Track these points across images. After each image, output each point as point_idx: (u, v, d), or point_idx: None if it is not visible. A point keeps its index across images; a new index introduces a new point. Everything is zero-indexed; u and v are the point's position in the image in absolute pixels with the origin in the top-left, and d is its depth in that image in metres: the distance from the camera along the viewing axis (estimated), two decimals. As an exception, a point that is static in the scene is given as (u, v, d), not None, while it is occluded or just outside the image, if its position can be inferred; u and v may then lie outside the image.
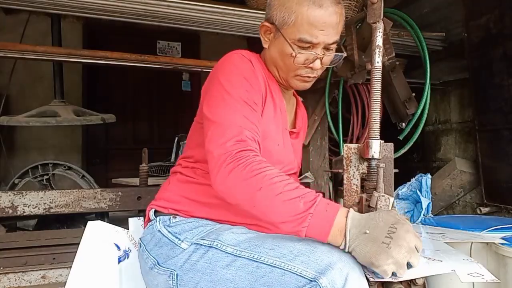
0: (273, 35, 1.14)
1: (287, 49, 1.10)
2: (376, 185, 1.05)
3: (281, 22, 1.09)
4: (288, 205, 0.89)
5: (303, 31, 1.07)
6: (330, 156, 3.05)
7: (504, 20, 2.46)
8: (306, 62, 1.11)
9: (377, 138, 1.10)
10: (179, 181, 1.22)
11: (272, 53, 1.16)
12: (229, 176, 0.93)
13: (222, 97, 1.04)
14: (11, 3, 2.08)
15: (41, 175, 2.76)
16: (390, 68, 2.31)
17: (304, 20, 1.06)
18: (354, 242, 0.86)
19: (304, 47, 1.09)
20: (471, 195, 2.92)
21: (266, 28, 1.15)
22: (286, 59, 1.12)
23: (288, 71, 1.15)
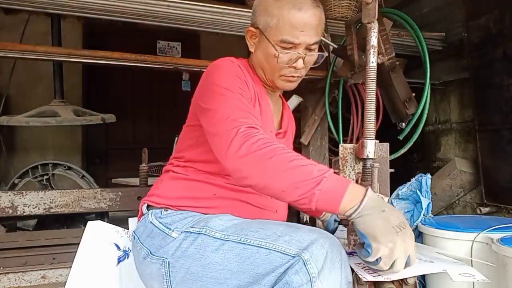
0: (258, 39, 1.21)
1: (271, 50, 1.16)
2: (371, 185, 1.06)
3: (264, 25, 1.17)
4: (301, 170, 0.91)
5: (285, 32, 1.14)
6: (330, 156, 3.05)
7: (504, 20, 2.46)
8: (290, 62, 1.18)
9: (372, 138, 1.10)
10: (171, 178, 1.27)
11: (258, 56, 1.23)
12: (241, 147, 0.95)
13: (220, 93, 1.09)
14: (11, 3, 2.08)
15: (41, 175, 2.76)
16: (390, 68, 2.31)
17: (286, 22, 1.14)
18: (367, 211, 0.88)
19: (286, 47, 1.16)
20: (471, 195, 2.92)
21: (251, 33, 1.22)
22: (270, 60, 1.18)
23: (273, 72, 1.21)
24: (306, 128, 2.96)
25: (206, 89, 1.15)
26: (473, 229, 2.04)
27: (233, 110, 1.04)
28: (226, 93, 1.09)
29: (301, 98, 2.97)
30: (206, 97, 1.13)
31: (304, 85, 3.09)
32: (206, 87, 1.16)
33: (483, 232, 1.98)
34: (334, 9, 2.91)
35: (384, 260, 0.86)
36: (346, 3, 2.90)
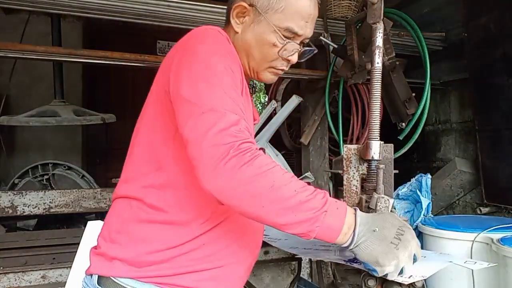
0: (249, 19, 1.00)
1: (269, 37, 0.98)
2: (376, 186, 1.05)
3: (265, 5, 0.98)
4: (303, 206, 0.81)
5: (291, 20, 0.98)
6: (330, 156, 3.05)
7: (504, 20, 2.46)
8: (286, 54, 1.01)
9: (377, 139, 1.10)
10: (141, 221, 0.93)
11: (247, 39, 1.01)
12: (233, 171, 0.77)
13: (208, 80, 0.85)
14: (11, 3, 2.08)
15: (41, 175, 2.76)
16: (390, 68, 2.31)
17: (293, 8, 0.98)
18: (361, 239, 0.84)
19: (288, 37, 0.99)
20: (471, 195, 2.92)
21: (242, 8, 1.00)
22: (265, 48, 1.00)
23: (263, 62, 1.03)
24: (306, 128, 2.96)
25: (187, 68, 0.88)
26: (473, 229, 2.04)
27: (225, 113, 0.82)
28: (216, 81, 0.85)
29: (301, 98, 2.97)
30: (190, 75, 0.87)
31: (304, 85, 3.09)
32: (190, 59, 0.89)
33: (483, 232, 1.98)
34: (334, 9, 2.91)
35: (391, 273, 0.84)
36: (346, 3, 2.90)
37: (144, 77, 5.41)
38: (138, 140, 0.99)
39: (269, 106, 3.31)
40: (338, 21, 2.80)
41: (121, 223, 0.95)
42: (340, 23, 2.77)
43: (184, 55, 0.91)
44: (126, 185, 0.97)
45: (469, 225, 2.12)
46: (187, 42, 0.95)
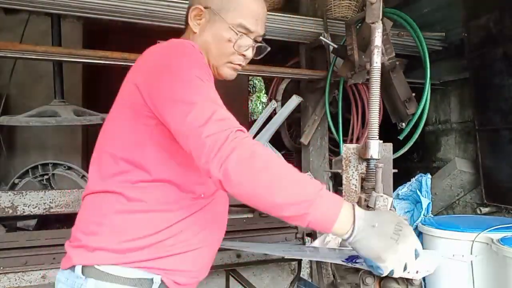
0: (205, 20, 1.11)
1: (225, 34, 1.08)
2: (375, 185, 1.05)
3: (219, 6, 1.09)
4: (297, 186, 0.85)
5: (243, 17, 1.08)
6: (330, 156, 3.05)
7: (504, 20, 2.46)
8: (242, 49, 1.11)
9: (376, 139, 1.10)
10: (121, 212, 0.99)
11: (205, 38, 1.11)
12: (232, 154, 0.83)
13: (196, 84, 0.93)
14: (11, 3, 2.08)
15: (41, 175, 2.76)
16: (390, 68, 2.31)
17: (243, 7, 1.08)
18: (361, 233, 0.85)
19: (241, 33, 1.09)
20: (471, 195, 2.92)
21: (198, 11, 1.10)
22: (222, 44, 1.10)
23: (221, 57, 1.12)
24: (306, 128, 2.96)
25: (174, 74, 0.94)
26: (473, 229, 2.04)
27: (216, 107, 0.90)
28: (202, 85, 0.93)
29: (301, 98, 2.97)
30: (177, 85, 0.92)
31: (304, 85, 3.09)
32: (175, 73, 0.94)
33: (483, 232, 1.98)
34: (334, 9, 2.91)
35: (395, 270, 0.85)
36: (346, 3, 2.90)
37: (144, 77, 5.35)
38: (107, 141, 1.07)
39: (269, 106, 3.30)
40: (338, 21, 2.80)
41: (101, 216, 1.00)
42: (340, 23, 2.77)
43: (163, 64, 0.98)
44: (103, 182, 1.02)
45: (469, 225, 2.12)
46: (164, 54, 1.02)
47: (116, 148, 1.02)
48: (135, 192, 0.99)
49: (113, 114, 1.09)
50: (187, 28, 1.15)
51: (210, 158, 0.84)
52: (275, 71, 2.76)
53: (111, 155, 1.02)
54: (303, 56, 3.07)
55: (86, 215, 1.04)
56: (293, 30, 2.74)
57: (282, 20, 2.67)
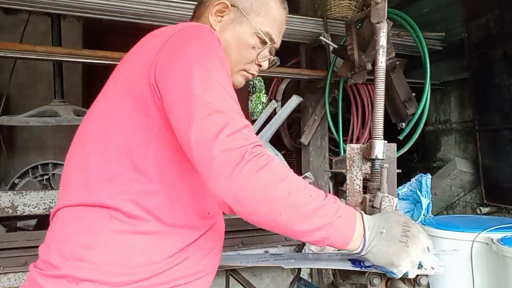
0: (228, 19, 0.99)
1: (250, 39, 0.99)
2: (380, 185, 1.05)
3: (248, 7, 0.98)
4: (319, 212, 0.78)
5: (270, 26, 1.00)
6: (330, 156, 3.05)
7: (504, 20, 2.46)
8: (261, 58, 1.02)
9: (380, 139, 1.10)
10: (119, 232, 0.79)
11: (226, 38, 0.98)
12: (250, 176, 0.72)
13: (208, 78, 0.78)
14: (11, 3, 2.08)
15: (41, 175, 2.76)
16: (390, 68, 2.31)
17: (272, 16, 1.00)
18: (372, 243, 0.83)
19: (265, 42, 1.00)
20: (471, 195, 2.92)
21: (223, 6, 0.98)
22: (244, 49, 0.99)
23: (238, 63, 1.01)
24: (306, 128, 2.96)
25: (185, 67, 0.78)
26: (473, 229, 2.04)
27: (233, 114, 0.76)
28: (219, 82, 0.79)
29: (301, 98, 2.97)
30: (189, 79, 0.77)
31: (304, 85, 3.09)
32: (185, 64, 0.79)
33: (483, 232, 1.98)
34: (334, 9, 2.91)
35: (410, 271, 0.84)
36: (346, 3, 2.90)
37: (144, 77, 5.36)
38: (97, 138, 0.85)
39: (269, 106, 3.31)
40: (338, 21, 2.80)
41: (91, 236, 0.79)
42: (340, 23, 2.77)
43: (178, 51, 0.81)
44: (88, 191, 0.82)
45: (469, 225, 2.12)
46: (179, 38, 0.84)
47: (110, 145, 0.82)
48: (137, 205, 0.80)
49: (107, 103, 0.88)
50: (198, 19, 1.04)
51: (220, 180, 0.72)
52: (275, 71, 2.76)
53: (103, 153, 0.82)
54: (303, 56, 3.08)
55: (67, 234, 0.82)
56: (293, 30, 2.74)
57: (282, 20, 2.67)
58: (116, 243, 0.79)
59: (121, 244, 0.79)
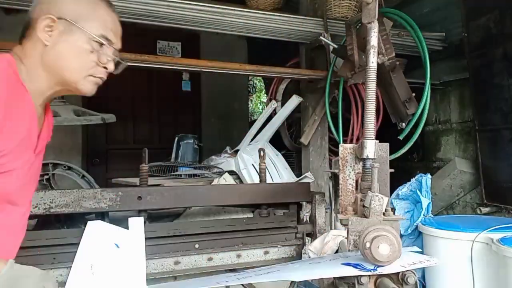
0: (60, 31, 0.99)
1: (86, 45, 1.00)
2: (371, 185, 1.05)
3: (76, 16, 1.00)
4: None
5: (102, 28, 1.02)
6: (330, 156, 3.05)
7: (504, 20, 2.46)
8: (103, 60, 1.04)
9: (372, 138, 1.10)
10: None
11: (60, 51, 1.00)
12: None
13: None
14: (11, 3, 2.08)
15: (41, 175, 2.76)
16: (390, 68, 2.31)
17: (101, 18, 1.03)
18: None
19: (102, 43, 1.02)
20: (471, 195, 2.92)
21: (50, 21, 0.98)
22: (82, 56, 1.01)
23: (81, 70, 1.02)
24: (306, 128, 2.96)
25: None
26: (473, 229, 2.04)
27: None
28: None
29: (301, 98, 2.97)
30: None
31: (304, 85, 3.09)
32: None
33: (483, 232, 1.98)
34: (334, 9, 2.91)
35: None
36: (346, 3, 2.90)
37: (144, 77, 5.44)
38: None
39: (269, 106, 3.31)
40: (338, 21, 2.81)
41: None
42: (340, 23, 2.77)
43: None
44: None
45: (469, 225, 2.12)
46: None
47: None
48: None
49: None
50: (29, 39, 1.01)
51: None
52: (275, 71, 2.76)
53: None
54: (303, 56, 3.08)
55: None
56: (293, 30, 2.74)
57: (282, 20, 2.68)
58: None
59: None
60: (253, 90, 8.47)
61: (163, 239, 1.66)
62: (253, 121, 4.82)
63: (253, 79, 8.09)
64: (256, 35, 2.77)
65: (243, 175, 2.76)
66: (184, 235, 1.70)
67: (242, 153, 2.88)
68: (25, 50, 1.01)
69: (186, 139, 3.29)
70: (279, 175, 2.85)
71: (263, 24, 2.65)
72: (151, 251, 1.59)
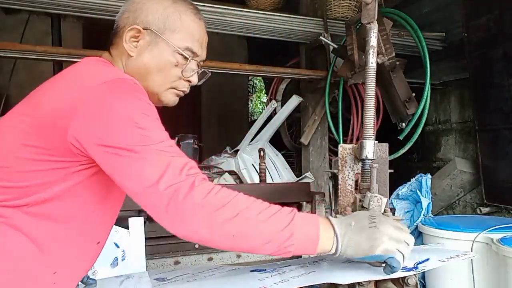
0: (145, 42, 0.97)
1: (171, 57, 0.98)
2: (370, 185, 1.05)
3: (161, 27, 0.97)
4: (270, 225, 0.81)
5: (189, 40, 0.99)
6: (330, 156, 3.05)
7: (504, 20, 2.46)
8: (187, 74, 1.01)
9: (371, 139, 1.10)
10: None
11: (144, 62, 0.98)
12: (196, 209, 0.77)
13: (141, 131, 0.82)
14: (11, 3, 2.08)
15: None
16: (390, 68, 2.31)
17: (188, 29, 0.99)
18: (345, 238, 0.85)
19: (187, 57, 0.99)
20: (471, 195, 2.92)
21: (135, 32, 0.97)
22: (166, 68, 0.99)
23: (164, 84, 1.00)
24: (306, 128, 2.96)
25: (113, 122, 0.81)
26: (473, 229, 2.04)
27: (170, 158, 0.81)
28: (152, 133, 0.83)
29: (301, 98, 2.97)
30: (119, 135, 0.80)
31: (304, 85, 3.09)
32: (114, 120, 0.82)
33: (483, 232, 1.98)
34: (334, 9, 2.91)
35: (401, 248, 0.84)
36: (346, 3, 2.90)
37: (144, 77, 5.38)
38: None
39: (269, 106, 3.31)
40: (338, 21, 2.81)
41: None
42: (340, 23, 2.77)
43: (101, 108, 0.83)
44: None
45: (469, 225, 2.12)
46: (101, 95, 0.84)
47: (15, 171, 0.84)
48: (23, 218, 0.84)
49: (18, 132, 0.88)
50: (115, 49, 1.01)
51: (170, 213, 0.77)
52: (275, 71, 2.76)
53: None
54: (303, 56, 3.08)
55: None
56: (293, 30, 2.74)
57: (282, 20, 2.68)
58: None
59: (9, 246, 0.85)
60: (253, 90, 8.47)
61: (163, 239, 1.67)
62: (253, 121, 4.82)
63: (253, 79, 8.09)
64: (256, 35, 2.77)
65: (243, 175, 2.76)
66: (184, 235, 1.70)
67: (242, 153, 2.88)
68: (113, 57, 1.01)
69: (186, 139, 3.29)
70: (279, 175, 2.85)
71: (263, 24, 2.65)
72: (151, 251, 1.59)
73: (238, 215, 0.79)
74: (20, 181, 0.83)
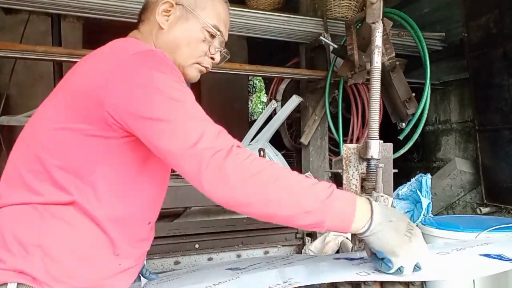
0: (176, 16, 1.02)
1: (199, 33, 1.03)
2: (375, 185, 1.05)
3: (193, 4, 1.03)
4: (308, 195, 0.81)
5: (216, 19, 1.05)
6: (330, 156, 3.05)
7: (504, 20, 2.46)
8: (213, 50, 1.06)
9: (376, 138, 1.10)
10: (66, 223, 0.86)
11: (175, 35, 1.02)
12: (235, 173, 0.77)
13: (177, 100, 0.84)
14: (11, 3, 2.08)
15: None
16: (390, 68, 2.31)
17: (217, 9, 1.06)
18: (378, 227, 0.84)
19: (214, 35, 1.05)
20: (471, 195, 2.92)
21: (168, 6, 1.01)
22: (194, 43, 1.03)
23: (190, 58, 1.04)
24: (306, 128, 2.96)
25: (156, 93, 0.83)
26: (473, 229, 2.04)
27: (208, 123, 0.84)
28: (189, 103, 0.86)
29: (301, 98, 2.97)
30: (154, 103, 0.82)
31: (304, 85, 3.09)
32: (156, 92, 0.83)
33: (483, 232, 1.98)
34: (334, 9, 2.91)
35: (406, 267, 0.84)
36: (346, 3, 2.90)
37: (144, 77, 5.35)
38: (39, 151, 0.92)
39: (269, 106, 3.31)
40: (338, 21, 2.80)
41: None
42: (340, 23, 2.77)
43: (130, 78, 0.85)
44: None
45: (469, 225, 2.12)
46: (135, 64, 0.86)
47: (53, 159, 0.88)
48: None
49: (56, 115, 0.94)
50: (146, 23, 1.05)
51: (209, 173, 0.77)
52: (275, 71, 2.76)
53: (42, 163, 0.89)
54: (303, 56, 3.08)
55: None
56: (293, 30, 2.74)
57: (282, 20, 2.68)
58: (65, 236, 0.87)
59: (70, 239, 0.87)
60: (253, 90, 8.48)
61: (163, 239, 1.67)
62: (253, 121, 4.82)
63: (253, 79, 8.09)
64: (256, 35, 2.77)
65: (243, 175, 2.76)
66: (184, 235, 1.70)
67: (242, 153, 2.88)
68: (143, 33, 1.05)
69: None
70: (279, 175, 2.85)
71: (263, 24, 2.65)
72: (151, 251, 1.59)
73: (278, 180, 0.80)
74: (73, 166, 0.87)
